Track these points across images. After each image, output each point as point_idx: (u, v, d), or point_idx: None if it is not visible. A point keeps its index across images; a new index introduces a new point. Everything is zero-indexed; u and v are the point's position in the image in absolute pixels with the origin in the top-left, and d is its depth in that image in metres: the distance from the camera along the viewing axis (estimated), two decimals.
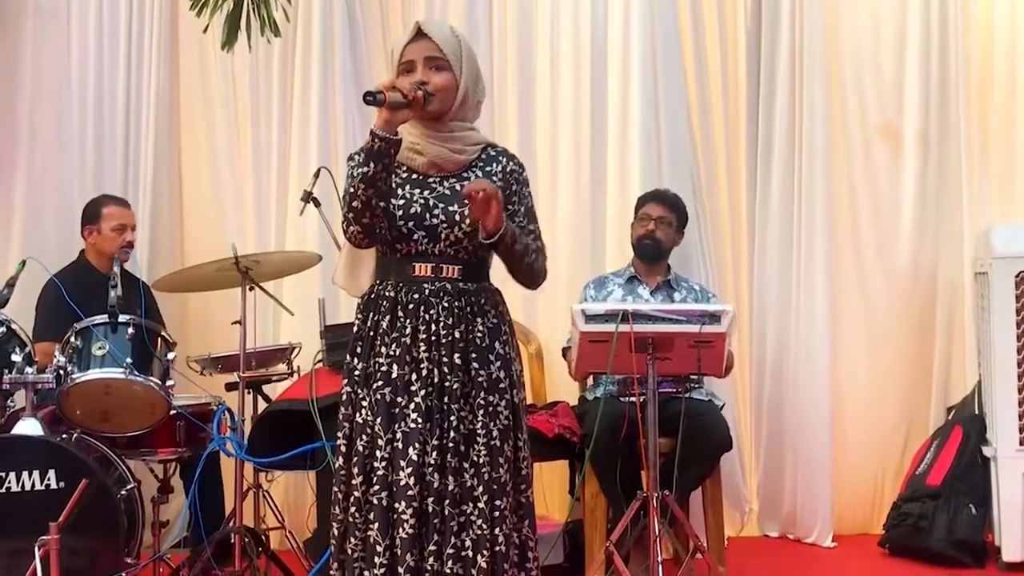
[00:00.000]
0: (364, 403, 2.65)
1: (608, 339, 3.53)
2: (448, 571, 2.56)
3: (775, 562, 4.62)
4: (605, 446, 3.95)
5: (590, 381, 4.49)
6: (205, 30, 4.47)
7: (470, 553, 2.58)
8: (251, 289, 4.07)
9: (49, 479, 3.43)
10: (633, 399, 3.66)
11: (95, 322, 3.79)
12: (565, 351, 4.36)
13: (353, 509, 2.62)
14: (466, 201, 2.61)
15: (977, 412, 4.65)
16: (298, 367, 4.26)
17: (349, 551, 2.62)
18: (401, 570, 2.53)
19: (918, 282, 4.99)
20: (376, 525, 2.57)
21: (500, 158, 2.81)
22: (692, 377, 4.12)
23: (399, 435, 2.59)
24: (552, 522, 4.52)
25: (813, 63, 4.94)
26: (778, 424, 4.96)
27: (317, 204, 4.09)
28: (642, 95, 4.97)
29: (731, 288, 5.10)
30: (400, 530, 2.55)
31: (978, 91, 4.98)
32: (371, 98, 2.54)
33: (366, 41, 5.18)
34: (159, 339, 3.93)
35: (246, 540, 3.89)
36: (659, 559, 3.55)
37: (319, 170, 4.09)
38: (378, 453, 2.59)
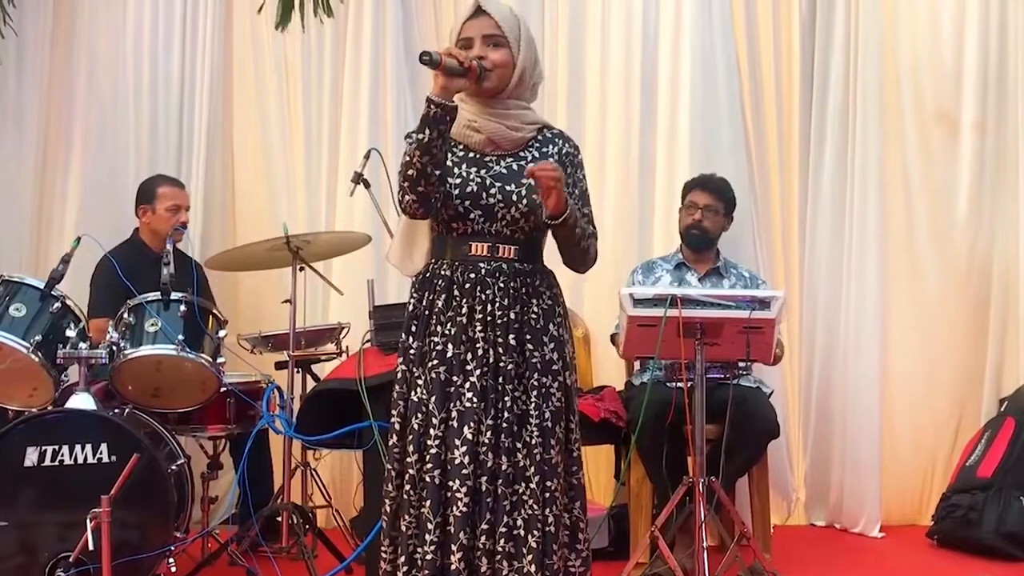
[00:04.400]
0: (419, 382, 2.65)
1: (656, 324, 3.49)
2: (500, 550, 2.56)
3: (821, 551, 4.58)
4: (651, 431, 3.94)
5: (636, 366, 4.48)
6: (260, 10, 4.49)
7: (522, 532, 2.58)
8: (301, 269, 4.11)
9: (101, 453, 3.46)
10: (680, 384, 3.64)
11: (148, 299, 3.82)
12: (613, 336, 4.35)
13: (408, 487, 2.62)
14: (530, 180, 2.60)
15: None
16: (347, 347, 4.29)
17: (403, 528, 2.63)
18: (454, 547, 2.54)
19: (972, 271, 4.94)
20: (429, 503, 2.57)
21: (557, 140, 2.80)
22: (740, 363, 4.09)
23: (454, 414, 2.59)
24: (597, 506, 4.51)
25: (868, 49, 4.88)
26: (827, 412, 4.93)
27: (367, 185, 4.10)
28: (693, 78, 4.94)
29: (782, 276, 5.06)
30: (454, 508, 2.55)
31: None
32: (427, 58, 2.51)
33: (418, 22, 5.19)
34: (210, 317, 3.96)
35: (294, 517, 3.93)
36: (704, 545, 3.53)
37: (369, 151, 4.09)
38: (432, 432, 2.59)
